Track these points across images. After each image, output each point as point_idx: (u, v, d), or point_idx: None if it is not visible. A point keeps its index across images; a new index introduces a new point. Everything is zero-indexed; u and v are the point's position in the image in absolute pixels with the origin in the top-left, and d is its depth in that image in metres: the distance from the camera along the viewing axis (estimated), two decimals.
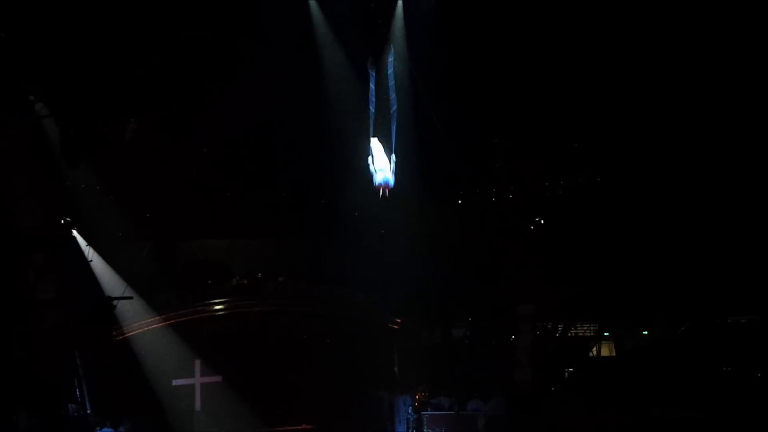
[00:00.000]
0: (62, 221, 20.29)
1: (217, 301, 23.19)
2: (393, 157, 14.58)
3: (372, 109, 15.09)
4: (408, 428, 23.58)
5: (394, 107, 15.22)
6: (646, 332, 25.96)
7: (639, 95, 21.22)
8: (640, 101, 21.34)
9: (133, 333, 21.71)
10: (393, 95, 15.31)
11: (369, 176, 14.31)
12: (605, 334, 26.48)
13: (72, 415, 19.46)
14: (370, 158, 14.62)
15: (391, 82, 15.58)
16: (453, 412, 23.41)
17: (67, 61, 17.70)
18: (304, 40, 20.42)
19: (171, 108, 20.89)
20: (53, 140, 18.06)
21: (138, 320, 21.83)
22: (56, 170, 18.90)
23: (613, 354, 26.45)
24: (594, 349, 26.61)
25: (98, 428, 19.92)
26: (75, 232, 20.63)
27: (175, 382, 21.98)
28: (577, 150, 23.55)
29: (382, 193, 14.59)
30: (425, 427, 23.34)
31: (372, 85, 15.28)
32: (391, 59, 15.62)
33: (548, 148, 23.53)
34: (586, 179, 23.95)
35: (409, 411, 23.70)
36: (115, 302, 20.74)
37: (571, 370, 25.66)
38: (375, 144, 14.23)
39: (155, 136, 21.67)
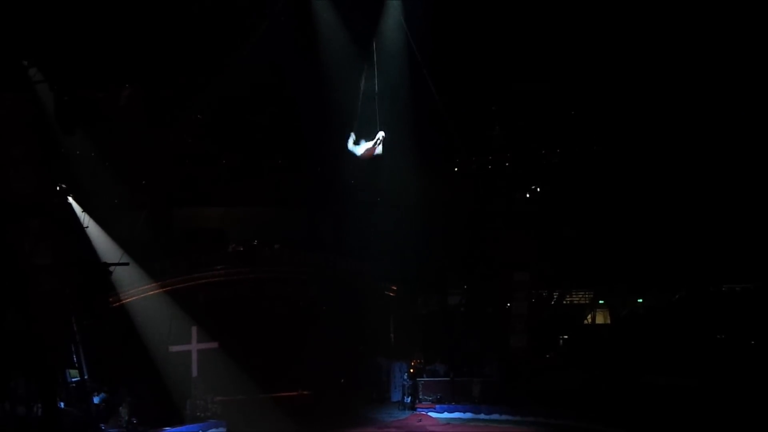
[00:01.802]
0: (58, 188, 20.21)
1: (213, 268, 23.22)
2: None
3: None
4: (404, 394, 23.77)
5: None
6: (640, 300, 26.06)
7: (635, 65, 21.13)
8: (636, 71, 21.25)
9: (130, 300, 21.73)
10: None
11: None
12: (600, 301, 26.59)
13: (69, 381, 19.54)
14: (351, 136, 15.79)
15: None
16: (448, 379, 23.61)
17: (61, 26, 17.55)
18: (302, 11, 20.29)
19: (167, 75, 20.73)
20: (48, 107, 17.93)
21: (134, 287, 21.84)
22: (51, 137, 18.80)
23: (608, 322, 26.57)
24: (589, 316, 26.74)
25: (95, 394, 20.04)
26: (70, 199, 20.57)
27: (172, 349, 22.06)
28: (574, 118, 23.48)
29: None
30: (421, 393, 23.55)
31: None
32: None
33: (545, 117, 23.47)
34: (583, 148, 23.91)
35: (405, 377, 23.88)
36: (111, 269, 20.82)
37: (565, 337, 25.79)
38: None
39: (151, 103, 21.53)
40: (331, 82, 21.44)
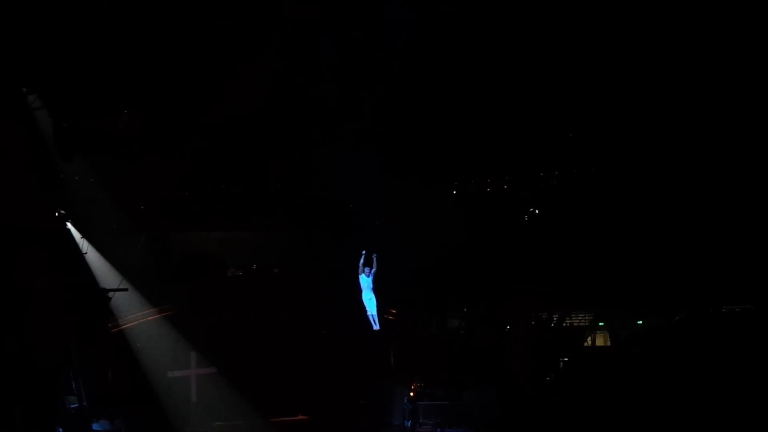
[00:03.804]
0: (57, 214, 20.25)
1: (212, 292, 23.17)
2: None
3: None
4: (404, 418, 23.64)
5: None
6: (640, 322, 25.98)
7: (633, 86, 21.21)
8: (634, 92, 21.33)
9: (129, 325, 21.72)
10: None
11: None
12: (600, 324, 26.50)
13: (68, 408, 19.46)
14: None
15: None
16: (448, 402, 23.48)
17: (60, 53, 17.65)
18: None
19: (165, 100, 20.81)
20: (47, 133, 18.01)
21: (133, 312, 21.84)
22: (50, 163, 18.86)
23: (608, 344, 26.48)
24: (589, 339, 26.64)
25: (94, 420, 19.94)
26: (69, 225, 20.61)
27: (171, 374, 22.01)
28: (573, 140, 23.54)
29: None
30: (421, 417, 23.41)
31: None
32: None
33: (543, 139, 23.52)
34: (581, 170, 23.95)
35: (405, 401, 23.76)
36: (110, 294, 20.82)
37: (566, 359, 25.69)
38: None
39: (150, 129, 21.60)
40: (328, 106, 21.55)
